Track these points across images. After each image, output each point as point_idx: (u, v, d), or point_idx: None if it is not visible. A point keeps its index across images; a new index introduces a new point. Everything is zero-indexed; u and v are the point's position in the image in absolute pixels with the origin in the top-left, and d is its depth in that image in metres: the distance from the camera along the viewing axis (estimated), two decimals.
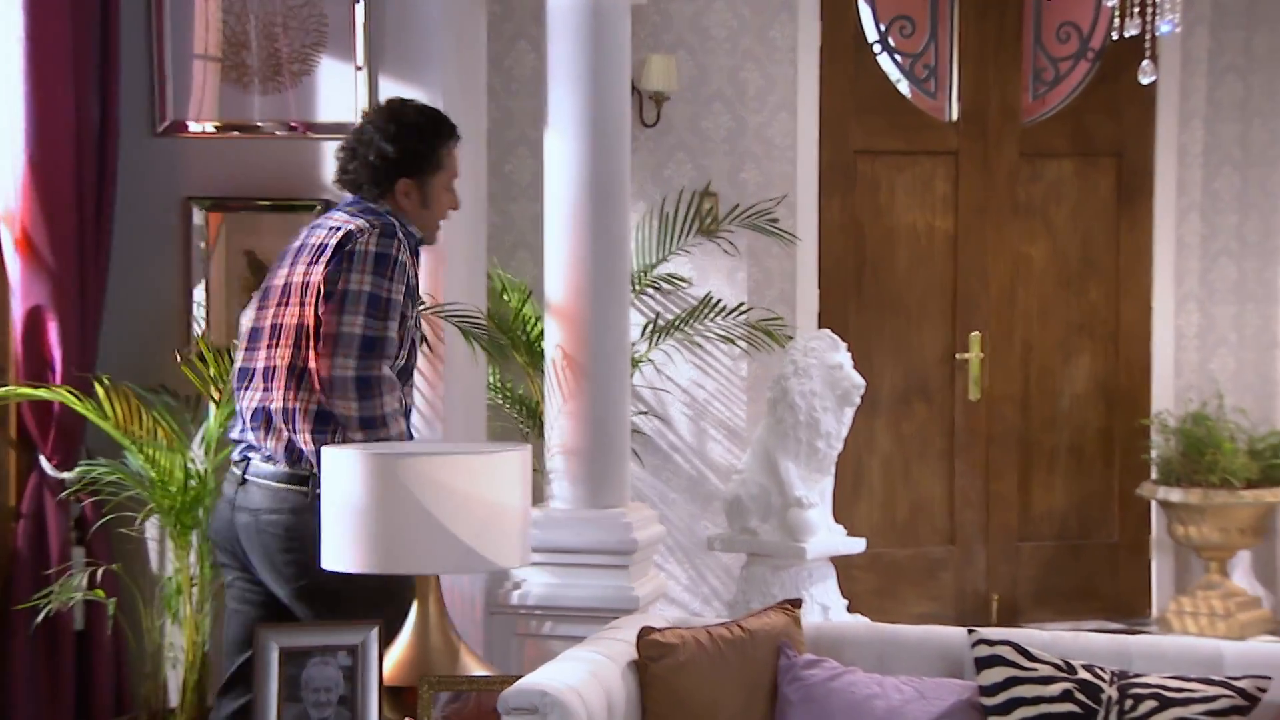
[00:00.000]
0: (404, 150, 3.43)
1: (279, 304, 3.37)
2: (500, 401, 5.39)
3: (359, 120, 3.64)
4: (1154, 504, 6.48)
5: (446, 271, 4.27)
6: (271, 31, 4.24)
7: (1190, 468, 6.17)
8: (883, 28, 6.39)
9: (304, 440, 3.28)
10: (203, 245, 4.31)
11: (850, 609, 5.55)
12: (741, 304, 5.79)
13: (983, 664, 3.18)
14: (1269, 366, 6.44)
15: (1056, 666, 3.15)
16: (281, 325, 3.34)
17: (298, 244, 3.43)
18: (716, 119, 6.00)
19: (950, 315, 6.48)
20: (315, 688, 3.13)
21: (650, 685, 3.16)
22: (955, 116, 6.48)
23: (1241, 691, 3.02)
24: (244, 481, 3.36)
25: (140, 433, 4.07)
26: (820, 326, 5.98)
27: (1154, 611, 6.56)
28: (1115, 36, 4.83)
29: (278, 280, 3.41)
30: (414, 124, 3.46)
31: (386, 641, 3.17)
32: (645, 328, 5.70)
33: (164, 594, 4.14)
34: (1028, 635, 3.29)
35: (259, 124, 4.31)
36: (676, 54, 5.88)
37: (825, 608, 5.34)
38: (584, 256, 4.05)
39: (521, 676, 2.99)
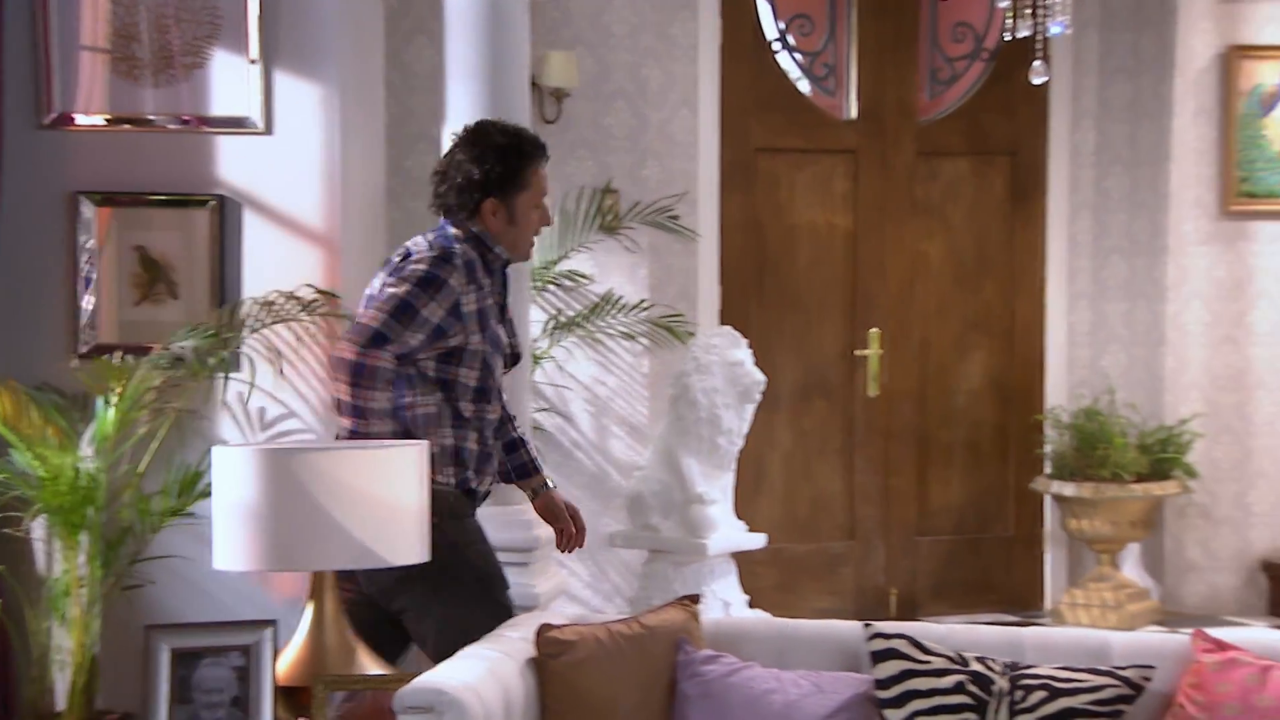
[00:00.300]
0: (488, 171, 3.49)
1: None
2: None
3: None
4: (1048, 498, 6.59)
5: (344, 268, 4.22)
6: (163, 23, 4.17)
7: (1083, 462, 6.28)
8: (782, 26, 6.43)
9: (379, 430, 3.33)
10: (91, 241, 4.23)
11: (751, 604, 5.59)
12: (643, 300, 5.80)
13: (878, 658, 3.22)
14: (1158, 363, 6.57)
15: (950, 659, 3.19)
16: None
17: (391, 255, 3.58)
18: (618, 116, 6.01)
19: (849, 312, 6.54)
20: (207, 689, 3.09)
21: (549, 682, 3.16)
22: (854, 115, 6.54)
23: (1127, 681, 3.09)
24: None
25: (28, 431, 3.98)
26: (721, 323, 6.01)
27: (1048, 604, 6.68)
28: (1008, 37, 4.91)
29: (369, 291, 3.55)
30: (497, 145, 3.52)
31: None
32: (546, 324, 5.69)
33: (50, 595, 4.06)
34: (923, 629, 3.32)
35: (151, 117, 4.23)
36: (577, 50, 5.88)
37: (726, 603, 5.37)
38: None
39: (418, 675, 2.97)
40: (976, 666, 3.17)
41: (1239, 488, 6.57)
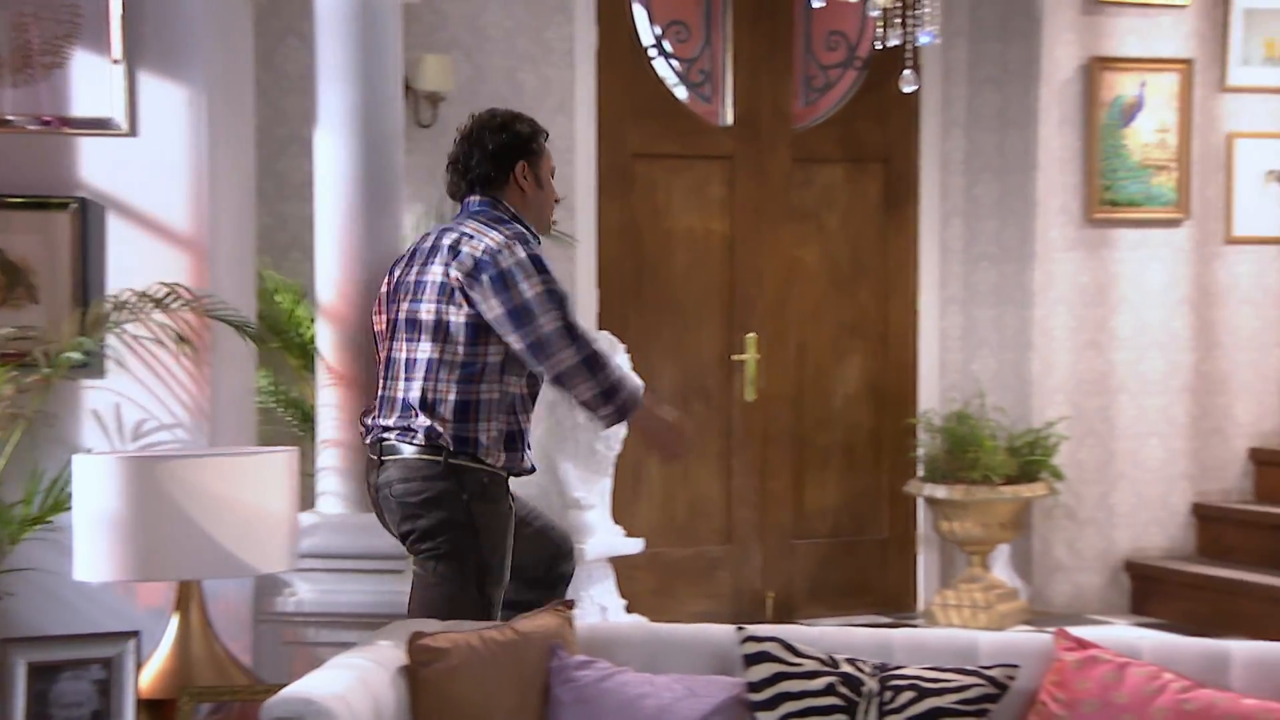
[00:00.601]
0: (514, 134, 3.75)
1: (414, 300, 3.58)
2: (274, 405, 5.27)
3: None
4: (920, 501, 6.69)
5: (212, 271, 4.15)
6: (20, 21, 4.06)
7: (954, 465, 6.38)
8: (659, 32, 6.46)
9: (442, 425, 3.48)
10: None
11: (629, 609, 5.60)
12: None
13: (750, 661, 3.24)
14: (1026, 367, 6.70)
15: (821, 661, 3.22)
16: (420, 321, 3.55)
17: (429, 244, 3.66)
18: None
19: (727, 317, 6.58)
20: (65, 704, 3.02)
21: (421, 691, 3.13)
22: (730, 121, 6.58)
23: (992, 680, 3.14)
24: (381, 463, 3.55)
25: None
26: (599, 328, 6.00)
27: (920, 605, 6.77)
28: (879, 46, 4.97)
29: (410, 276, 3.63)
30: (511, 115, 3.80)
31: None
32: None
33: None
34: (795, 631, 3.35)
35: (9, 117, 4.12)
36: (453, 54, 5.85)
37: (604, 608, 5.37)
38: (356, 257, 4.00)
39: (286, 686, 2.92)
40: (847, 668, 3.20)
41: (1103, 489, 6.73)
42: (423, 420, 3.49)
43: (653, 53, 6.45)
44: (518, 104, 5.99)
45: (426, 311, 3.55)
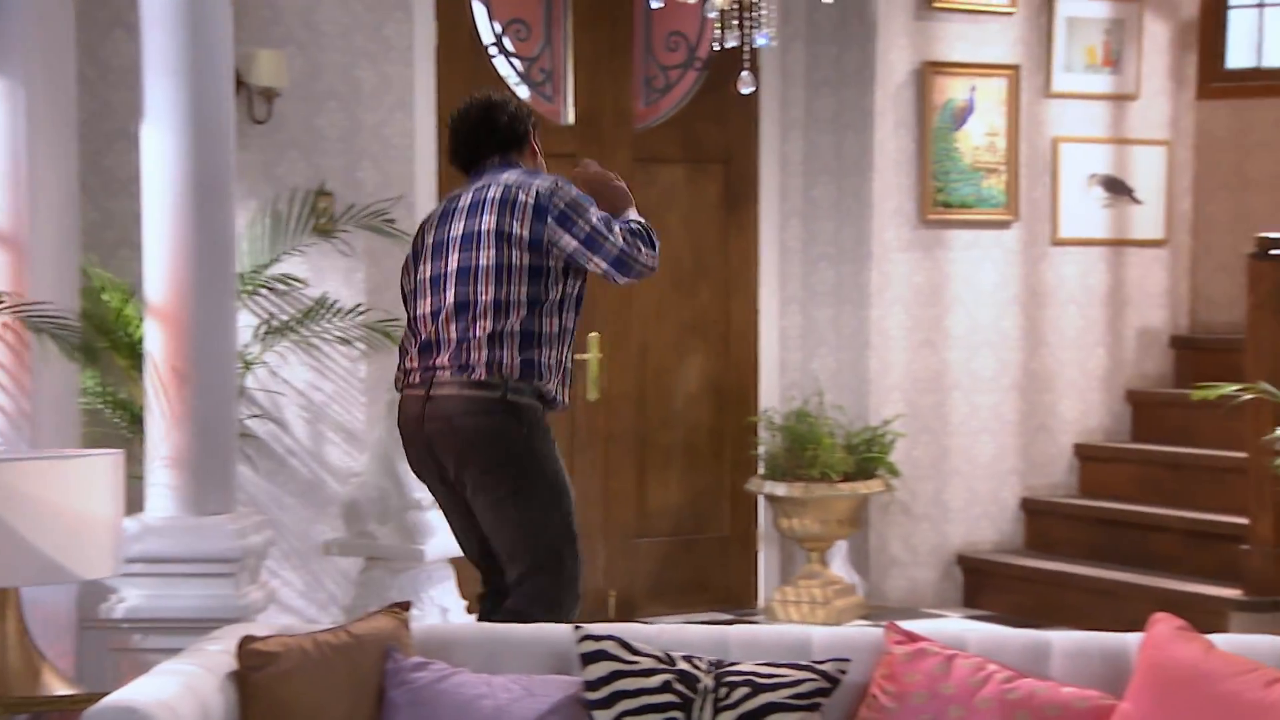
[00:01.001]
0: (518, 106, 4.25)
1: (466, 249, 3.91)
2: (101, 406, 5.14)
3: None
4: (761, 498, 6.76)
5: (32, 269, 4.03)
6: None
7: (793, 463, 6.46)
8: (499, 30, 6.43)
9: (510, 358, 3.83)
10: None
11: (470, 610, 5.57)
12: (359, 305, 5.72)
13: (588, 659, 3.24)
14: (863, 365, 6.82)
15: (658, 659, 3.23)
16: (478, 267, 3.88)
17: (465, 203, 4.03)
18: (331, 117, 5.91)
19: None
20: None
21: (251, 696, 3.07)
22: (571, 121, 6.58)
23: (825, 674, 3.18)
24: (430, 398, 3.88)
25: None
26: None
27: (761, 601, 6.85)
28: (718, 47, 5.02)
29: (454, 232, 3.98)
30: (503, 94, 4.32)
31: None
32: (258, 329, 5.55)
33: None
34: (632, 630, 3.36)
35: None
36: (287, 50, 5.75)
37: (444, 609, 5.34)
38: (186, 255, 3.93)
39: (107, 695, 2.85)
40: (683, 665, 3.22)
41: (937, 485, 6.88)
42: (485, 358, 3.82)
43: (493, 51, 6.42)
44: (356, 101, 5.94)
45: (485, 258, 3.88)
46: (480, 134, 4.15)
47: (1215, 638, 3.13)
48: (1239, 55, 7.45)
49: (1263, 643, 3.15)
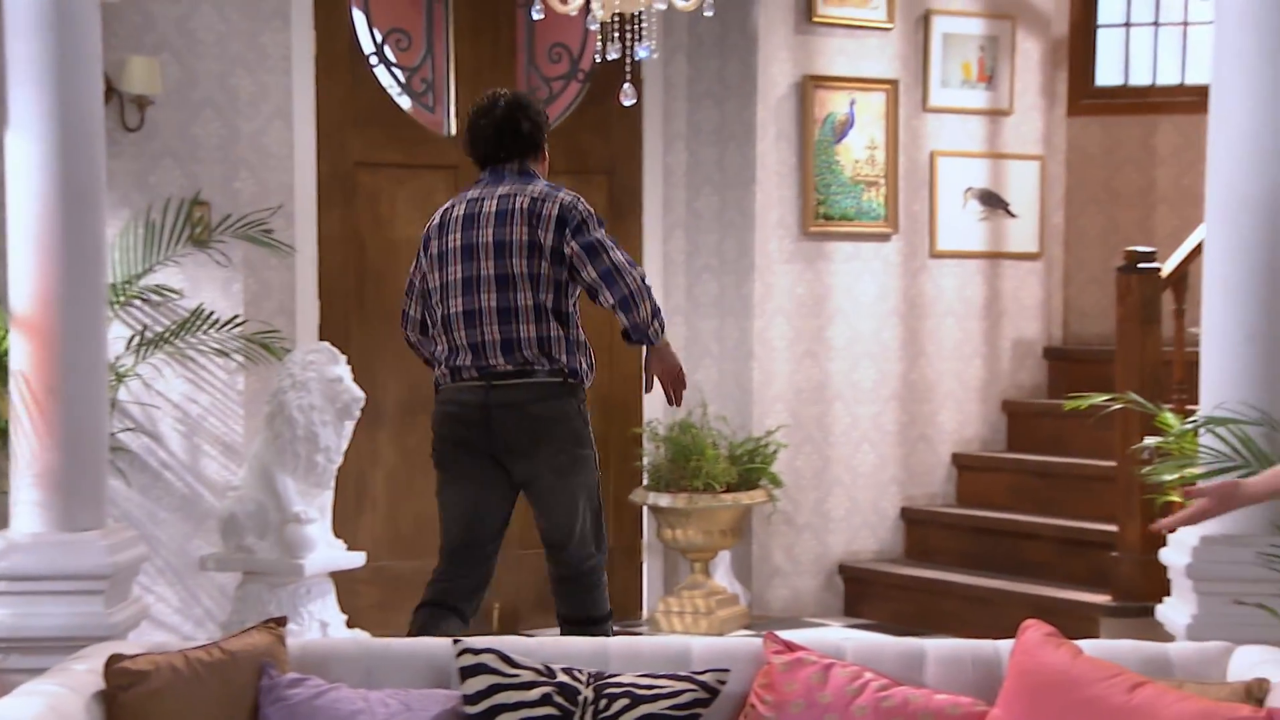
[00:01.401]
0: (540, 113, 4.62)
1: (501, 257, 4.40)
2: None
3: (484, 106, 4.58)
4: (645, 509, 6.78)
5: None
6: None
7: (677, 474, 6.48)
8: (379, 39, 6.38)
9: (559, 351, 4.42)
10: None
11: (351, 624, 5.51)
12: (236, 316, 5.64)
13: (467, 673, 3.22)
14: (746, 376, 6.87)
15: (538, 671, 3.23)
16: (516, 274, 4.39)
17: (492, 208, 4.45)
18: (207, 125, 5.82)
19: None
20: None
21: (119, 716, 3.01)
22: (454, 131, 6.55)
23: (704, 685, 3.20)
24: (493, 387, 4.43)
25: None
26: (321, 339, 5.90)
27: (645, 612, 6.86)
28: (600, 59, 5.03)
29: (484, 238, 4.43)
30: (529, 98, 4.68)
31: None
32: (132, 340, 5.44)
33: None
34: (511, 642, 3.35)
35: None
36: (161, 57, 5.66)
37: (324, 624, 5.28)
38: (54, 265, 3.83)
39: None
40: (563, 678, 3.22)
41: (819, 495, 6.95)
42: (538, 354, 4.39)
43: (374, 60, 6.37)
44: (232, 109, 5.86)
45: (519, 267, 4.39)
46: (504, 136, 4.53)
47: (1083, 643, 3.19)
48: (1108, 73, 7.64)
49: (1127, 648, 3.23)
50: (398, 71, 6.46)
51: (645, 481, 6.67)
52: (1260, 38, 3.98)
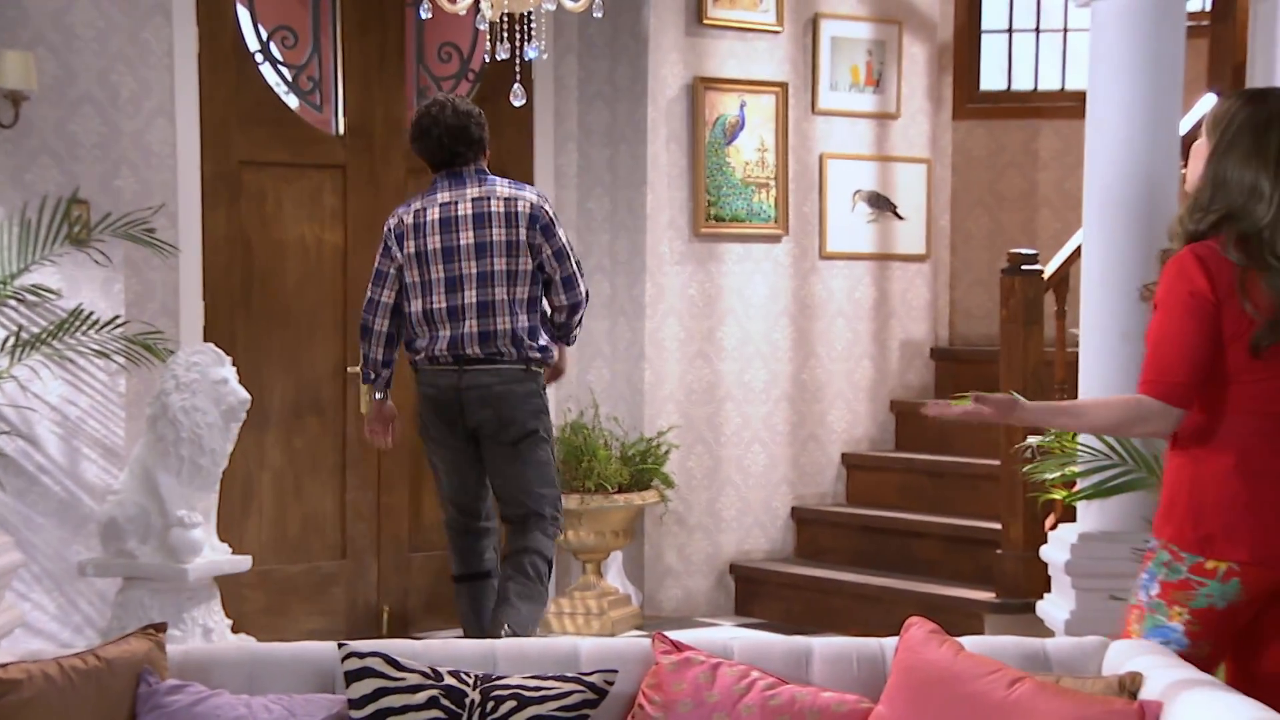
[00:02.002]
0: (482, 115, 5.29)
1: (482, 257, 5.07)
2: None
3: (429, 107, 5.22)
4: None
5: None
6: None
7: (569, 475, 6.47)
8: (264, 36, 6.29)
9: (528, 340, 5.07)
10: None
11: (236, 628, 5.44)
12: (118, 317, 5.52)
13: (352, 677, 3.18)
14: (638, 377, 6.88)
15: (424, 674, 3.20)
16: (495, 272, 5.06)
17: (469, 211, 5.12)
18: (86, 123, 5.70)
19: (342, 329, 6.46)
20: None
21: None
22: (342, 130, 6.49)
23: (592, 685, 3.19)
24: (465, 371, 5.08)
25: None
26: (206, 340, 5.81)
27: None
28: (489, 59, 5.00)
29: (465, 240, 5.09)
30: (470, 104, 5.30)
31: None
32: (7, 342, 5.31)
33: None
34: (398, 646, 3.31)
35: None
36: (37, 51, 5.53)
37: (208, 629, 5.20)
38: None
39: None
40: (450, 680, 3.19)
41: (710, 495, 6.98)
42: (510, 344, 5.04)
43: (259, 58, 6.28)
44: (113, 106, 5.75)
45: (498, 265, 5.04)
46: (459, 143, 5.14)
47: (965, 640, 3.24)
48: (992, 78, 7.77)
49: (1008, 644, 3.28)
50: (284, 69, 6.38)
51: None
52: (1134, 47, 4.07)
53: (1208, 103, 5.69)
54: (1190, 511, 3.17)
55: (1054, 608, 4.71)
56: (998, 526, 5.91)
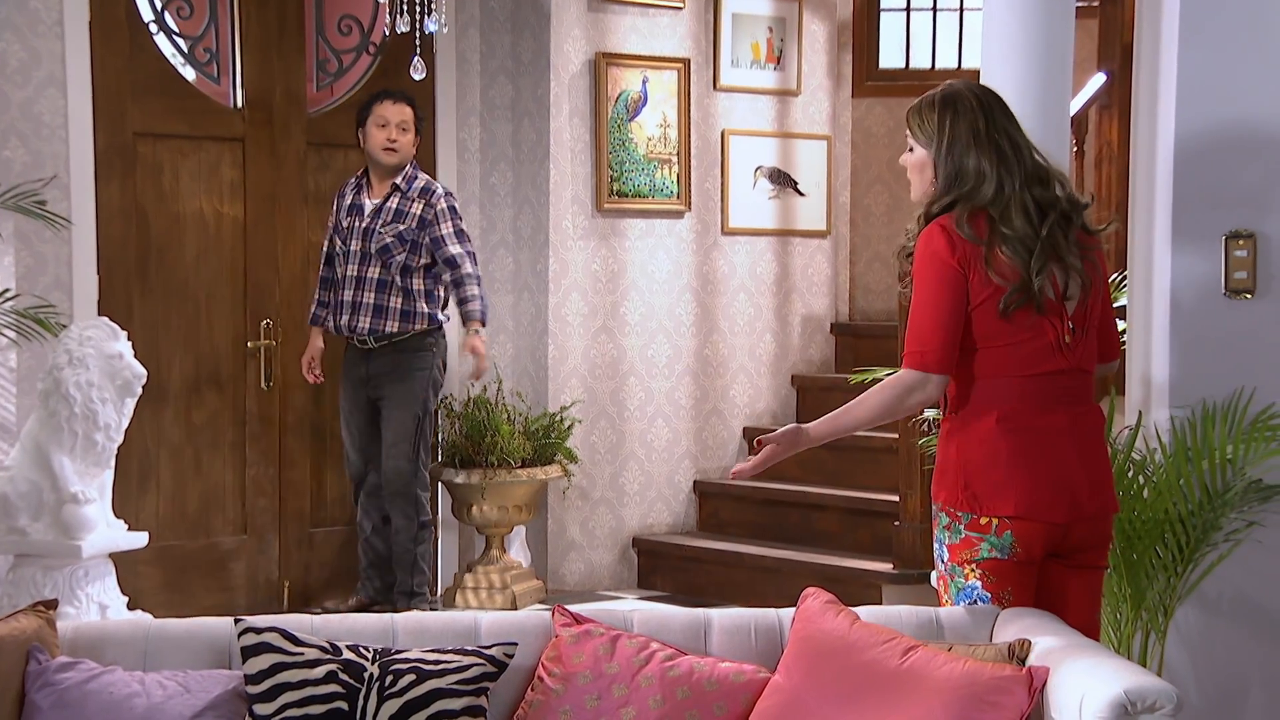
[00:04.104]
0: (358, 112, 6.22)
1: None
2: None
3: None
4: (441, 485, 6.74)
5: None
6: None
7: (473, 450, 6.46)
8: (159, 7, 6.19)
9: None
10: None
11: (133, 605, 5.40)
12: (7, 290, 5.42)
13: (249, 652, 3.17)
14: (542, 352, 6.88)
15: (323, 649, 3.19)
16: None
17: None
18: None
19: (242, 303, 6.41)
20: None
21: None
22: (241, 103, 6.41)
23: (491, 658, 3.20)
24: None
25: None
26: (101, 314, 5.73)
27: (440, 588, 6.83)
28: (389, 32, 4.97)
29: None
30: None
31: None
32: None
33: None
34: (295, 620, 3.30)
35: None
36: None
37: (104, 606, 5.15)
38: None
39: None
40: (349, 655, 3.19)
41: (614, 469, 7.00)
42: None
43: (153, 28, 6.17)
44: (1, 75, 5.62)
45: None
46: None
47: (861, 609, 3.29)
48: (890, 56, 7.85)
49: (904, 612, 3.34)
50: (180, 40, 6.28)
51: (441, 458, 6.64)
52: (1025, 27, 4.14)
53: (1098, 82, 5.81)
54: (960, 473, 3.33)
55: None
56: (896, 499, 6.00)
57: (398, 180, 6.12)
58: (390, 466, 6.12)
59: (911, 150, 3.52)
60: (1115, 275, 4.39)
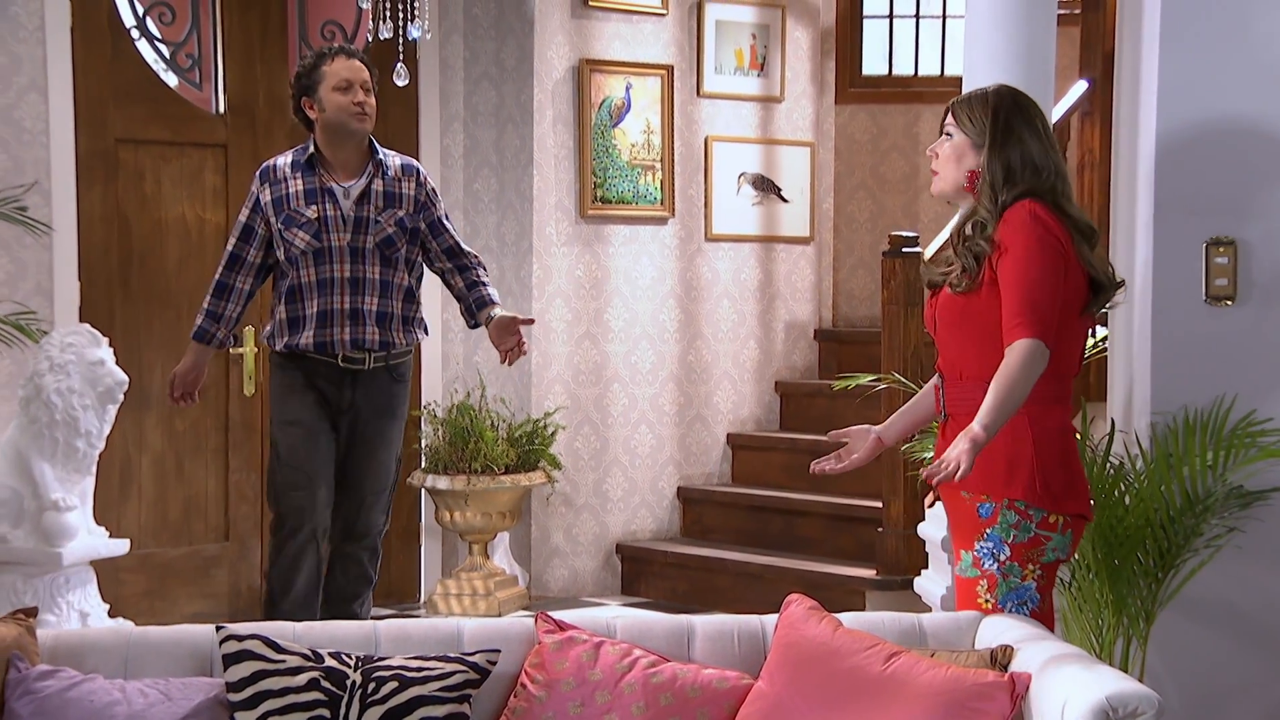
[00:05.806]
0: (297, 78, 4.87)
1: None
2: None
3: None
4: (423, 491, 6.73)
5: None
6: None
7: (456, 456, 6.46)
8: (141, 12, 6.18)
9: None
10: None
11: (115, 613, 5.37)
12: None
13: (230, 660, 3.16)
14: (526, 359, 6.82)
15: (305, 657, 3.18)
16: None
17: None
18: None
19: None
20: None
21: None
22: (223, 109, 6.39)
23: (475, 666, 3.20)
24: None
25: None
26: (82, 321, 5.71)
27: (423, 595, 6.82)
28: (371, 38, 4.97)
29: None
30: (300, 63, 4.90)
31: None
32: None
33: None
34: (277, 628, 3.30)
35: None
36: None
37: (84, 614, 5.13)
38: None
39: None
40: (331, 662, 3.18)
41: (597, 476, 7.00)
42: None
43: (135, 34, 6.16)
44: None
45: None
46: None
47: (844, 616, 3.30)
48: (873, 63, 7.87)
49: (886, 619, 3.34)
50: (162, 46, 6.27)
51: (423, 464, 6.63)
52: (1007, 34, 4.17)
53: (1079, 90, 5.83)
54: (1038, 470, 3.29)
55: (930, 584, 4.81)
56: (879, 505, 6.01)
57: (377, 156, 4.94)
58: (367, 521, 4.91)
59: (950, 137, 3.41)
60: None
